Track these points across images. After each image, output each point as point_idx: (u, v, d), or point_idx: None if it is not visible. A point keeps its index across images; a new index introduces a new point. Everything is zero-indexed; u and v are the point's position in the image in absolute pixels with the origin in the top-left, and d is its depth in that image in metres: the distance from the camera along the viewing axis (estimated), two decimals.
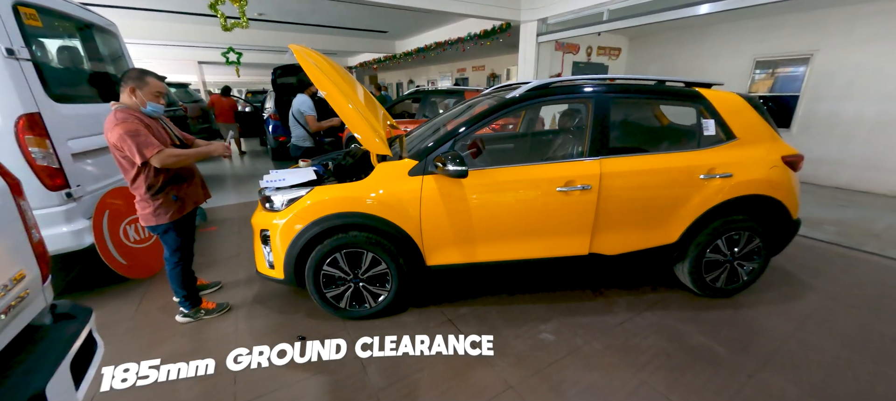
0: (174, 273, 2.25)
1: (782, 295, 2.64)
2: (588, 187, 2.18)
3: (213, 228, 3.98)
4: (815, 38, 5.72)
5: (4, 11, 2.17)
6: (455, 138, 2.19)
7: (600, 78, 2.39)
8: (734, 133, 2.37)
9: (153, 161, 1.91)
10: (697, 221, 2.33)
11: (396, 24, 9.85)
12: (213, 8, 4.50)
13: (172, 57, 13.04)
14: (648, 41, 8.19)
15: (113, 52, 3.47)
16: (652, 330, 2.25)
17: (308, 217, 2.11)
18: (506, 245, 2.27)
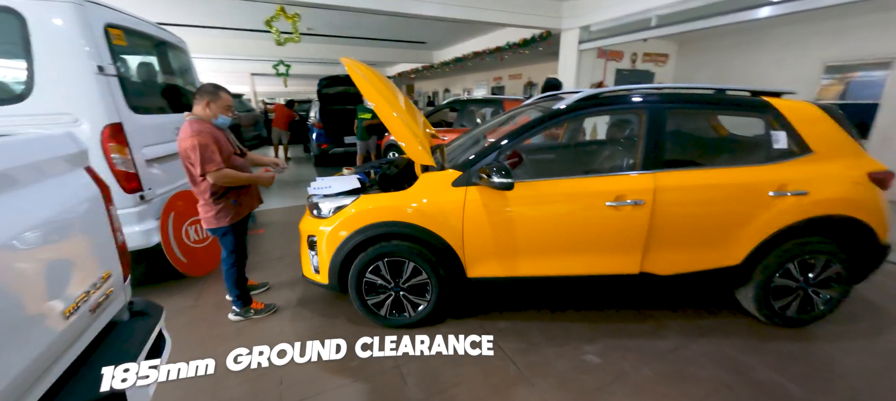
0: (230, 273, 2.38)
1: (867, 328, 2.34)
2: (640, 202, 2.06)
3: (261, 231, 4.20)
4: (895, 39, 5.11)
5: (97, 32, 2.44)
6: (500, 150, 2.16)
7: (654, 87, 2.27)
8: (810, 146, 2.14)
9: (209, 177, 2.07)
10: (766, 242, 2.13)
11: (435, 34, 10.03)
12: (268, 24, 4.82)
13: (228, 69, 14.15)
14: (699, 46, 7.73)
15: (182, 67, 3.80)
16: (709, 359, 2.07)
17: (353, 225, 2.16)
18: (550, 260, 2.20)
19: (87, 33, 2.35)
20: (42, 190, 0.96)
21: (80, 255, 1.01)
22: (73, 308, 0.93)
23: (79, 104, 2.36)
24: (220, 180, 2.09)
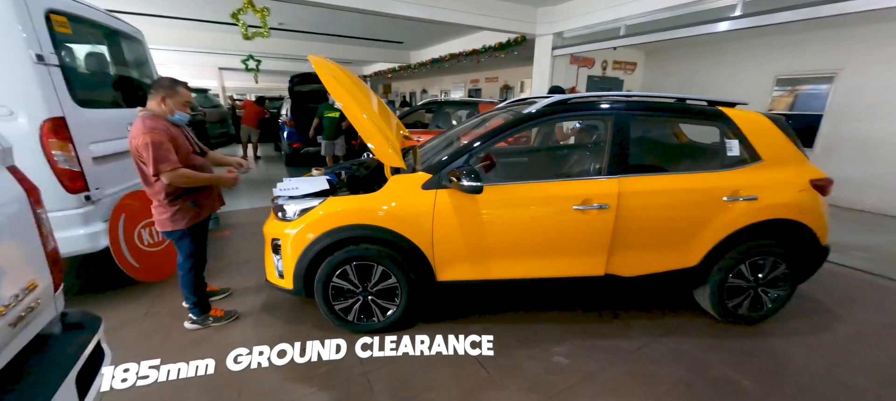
0: (186, 279, 2.25)
1: (811, 325, 2.51)
2: (605, 206, 2.11)
3: (225, 233, 4.01)
4: (839, 57, 5.57)
5: (37, 18, 2.24)
6: (470, 153, 2.16)
7: (620, 94, 2.34)
8: (760, 154, 2.28)
9: (164, 177, 1.94)
10: (720, 244, 2.24)
11: (412, 34, 9.96)
12: (235, 17, 4.61)
13: (194, 63, 13.45)
14: (665, 56, 8.10)
15: (138, 59, 3.56)
16: (671, 357, 2.15)
17: (320, 228, 2.09)
18: (519, 263, 2.22)
19: (23, 18, 2.15)
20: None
21: (1, 262, 0.91)
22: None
23: (14, 96, 2.15)
24: (176, 181, 1.97)
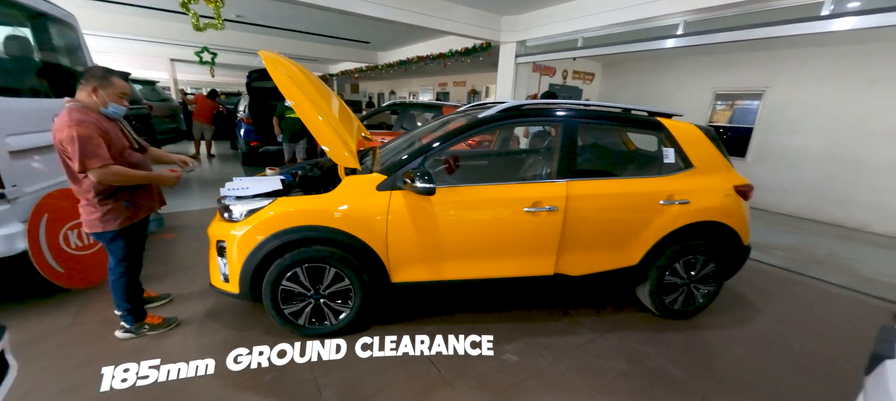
0: (118, 285, 2.09)
1: (736, 318, 2.76)
2: (555, 209, 2.21)
3: (170, 235, 3.76)
4: (767, 75, 6.19)
5: None
6: (425, 155, 2.18)
7: (570, 103, 2.46)
8: (692, 162, 2.49)
9: (91, 174, 1.80)
10: (657, 244, 2.41)
11: (379, 35, 9.87)
12: (184, 7, 4.34)
13: (142, 52, 12.51)
14: (621, 69, 8.60)
15: (69, 45, 3.26)
16: (613, 352, 2.28)
17: (268, 229, 2.02)
18: (473, 264, 2.26)
19: None
20: None
21: None
22: None
23: None
24: (106, 178, 1.82)
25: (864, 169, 5.34)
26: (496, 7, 6.34)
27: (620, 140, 3.10)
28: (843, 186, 5.52)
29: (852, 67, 5.35)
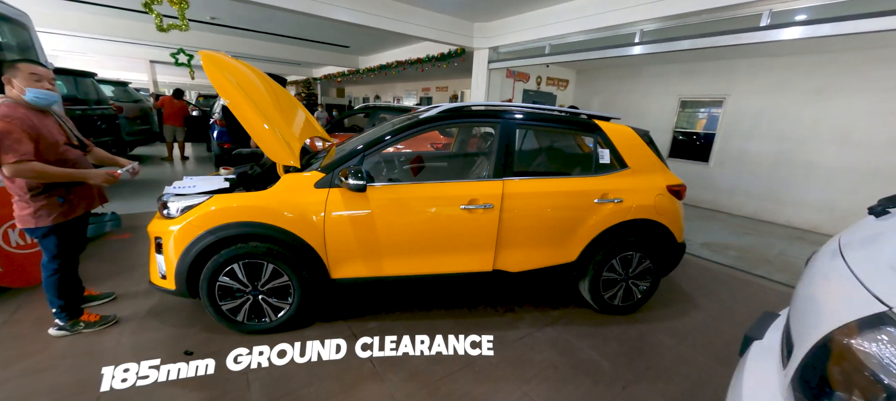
0: (50, 281, 2.08)
1: (673, 312, 2.88)
2: (490, 206, 2.29)
3: (126, 236, 3.73)
4: (726, 84, 6.45)
5: None
6: (363, 153, 2.24)
7: (507, 105, 2.56)
8: (627, 162, 2.60)
9: (5, 169, 1.80)
10: (593, 241, 2.51)
11: (358, 39, 9.94)
12: (147, 7, 4.33)
13: (120, 53, 12.30)
14: (593, 75, 8.83)
15: (21, 43, 3.24)
16: (548, 345, 2.36)
17: (204, 225, 2.05)
18: (412, 260, 2.32)
19: None
20: None
21: None
22: None
23: None
24: (22, 174, 1.82)
25: (814, 172, 5.60)
26: (468, 14, 6.48)
27: (564, 142, 3.21)
28: (796, 188, 5.77)
29: (801, 76, 5.62)
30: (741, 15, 4.06)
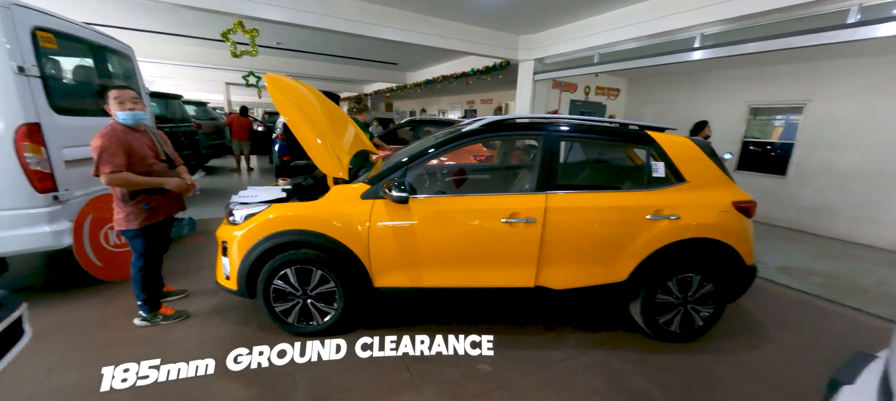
0: (137, 277, 2.38)
1: (741, 343, 2.57)
2: (532, 220, 2.24)
3: (198, 239, 4.16)
4: (807, 88, 5.75)
5: (22, 34, 2.47)
6: (406, 166, 2.31)
7: (552, 117, 2.50)
8: (684, 176, 2.41)
9: (102, 179, 2.11)
10: (646, 260, 2.34)
11: (405, 57, 10.34)
12: (224, 37, 4.91)
13: (202, 77, 13.99)
14: (647, 83, 8.35)
15: (126, 72, 3.81)
16: (593, 370, 2.22)
17: (262, 232, 2.23)
18: (452, 272, 2.33)
19: (9, 34, 2.38)
20: None
21: None
22: None
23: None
24: (112, 183, 2.13)
25: None
26: (514, 27, 6.48)
27: (612, 154, 3.06)
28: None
29: None
30: (822, 12, 3.63)
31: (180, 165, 2.57)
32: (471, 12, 5.82)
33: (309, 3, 4.91)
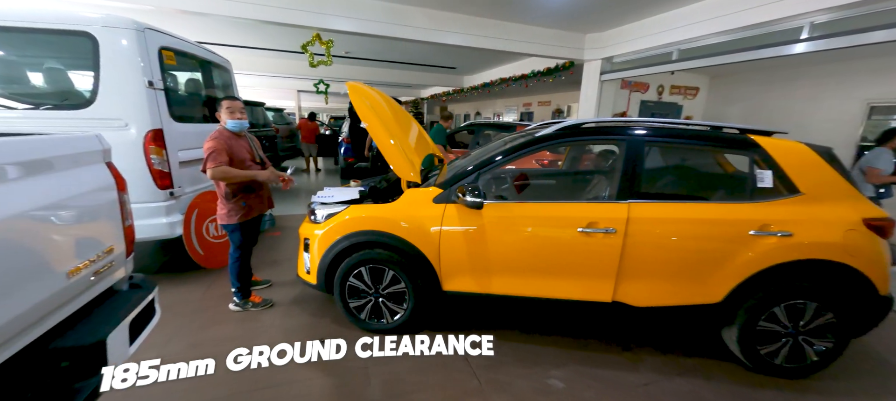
0: (234, 267, 2.66)
1: (868, 387, 2.16)
2: (612, 231, 2.09)
3: (277, 234, 4.55)
4: None
5: (152, 53, 2.90)
6: (479, 171, 2.30)
7: (636, 120, 2.32)
8: (798, 187, 2.09)
9: (208, 173, 2.37)
10: (747, 281, 2.07)
11: (465, 60, 10.43)
12: (304, 48, 5.34)
13: (277, 86, 15.44)
14: (732, 81, 7.48)
15: (225, 83, 4.31)
16: (677, 398, 2.01)
17: (341, 231, 2.37)
18: (522, 280, 2.26)
19: (143, 53, 2.81)
20: (72, 175, 1.24)
21: (89, 230, 1.27)
22: (77, 270, 1.17)
23: (129, 112, 2.80)
24: (216, 176, 2.38)
25: None
26: (580, 26, 6.20)
27: (703, 161, 2.77)
28: None
29: None
30: None
31: (269, 167, 2.82)
32: (536, 13, 5.68)
33: (380, 14, 5.15)
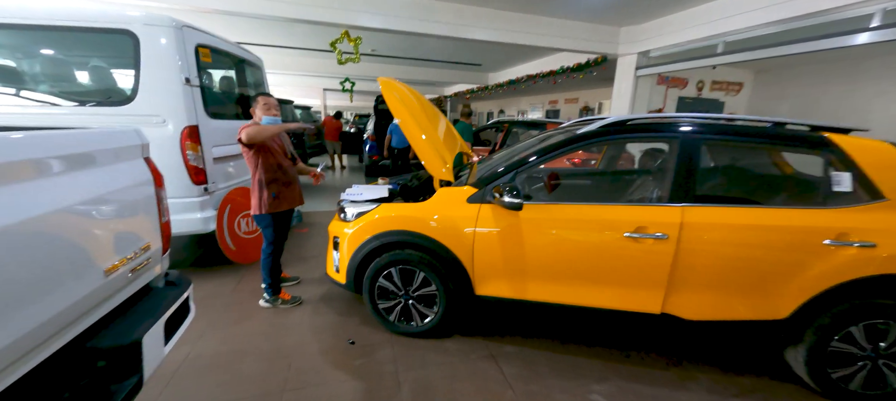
0: (266, 262, 2.66)
1: None
2: (664, 236, 1.92)
3: (305, 230, 4.58)
4: None
5: (190, 51, 2.94)
6: (516, 170, 2.18)
7: (690, 116, 2.13)
8: (882, 192, 1.85)
9: (242, 136, 2.36)
10: (819, 297, 1.84)
11: (490, 57, 10.25)
12: (332, 46, 5.38)
13: (303, 84, 15.76)
14: (779, 75, 6.94)
15: (257, 81, 4.37)
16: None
17: (371, 231, 2.30)
18: (560, 287, 2.12)
19: (181, 51, 2.85)
20: (112, 170, 1.22)
21: (127, 226, 1.24)
22: (114, 268, 1.14)
23: (167, 108, 2.85)
24: (251, 133, 2.34)
25: None
26: (615, 18, 5.92)
27: (758, 161, 2.53)
28: None
29: None
30: None
31: (299, 163, 2.82)
32: (567, 7, 5.45)
33: (408, 10, 5.09)
